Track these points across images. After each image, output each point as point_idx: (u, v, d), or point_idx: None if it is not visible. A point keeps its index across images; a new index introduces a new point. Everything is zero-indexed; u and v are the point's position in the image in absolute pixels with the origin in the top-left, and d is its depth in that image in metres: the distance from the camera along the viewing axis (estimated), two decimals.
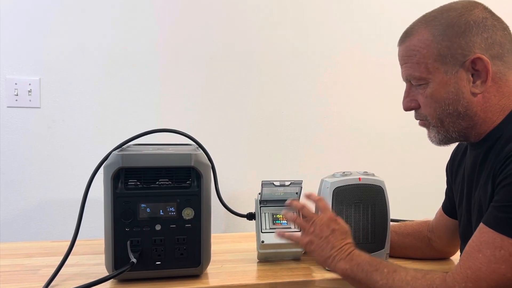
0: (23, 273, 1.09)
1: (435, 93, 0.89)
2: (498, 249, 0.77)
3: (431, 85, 0.89)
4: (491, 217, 0.80)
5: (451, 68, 0.87)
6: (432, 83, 0.89)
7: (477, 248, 0.80)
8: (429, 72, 0.89)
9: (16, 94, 1.58)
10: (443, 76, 0.88)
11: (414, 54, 0.90)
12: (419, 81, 0.91)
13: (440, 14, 0.90)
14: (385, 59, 1.83)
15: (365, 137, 1.83)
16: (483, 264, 0.78)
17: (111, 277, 0.97)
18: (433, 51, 0.88)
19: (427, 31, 0.89)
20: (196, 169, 1.03)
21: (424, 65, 0.89)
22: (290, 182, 1.20)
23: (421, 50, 0.89)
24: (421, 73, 0.90)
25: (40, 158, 1.60)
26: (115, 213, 1.00)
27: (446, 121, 0.91)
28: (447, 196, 1.16)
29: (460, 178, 1.03)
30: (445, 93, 0.88)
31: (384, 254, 1.14)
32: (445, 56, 0.87)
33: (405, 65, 0.93)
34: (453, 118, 0.90)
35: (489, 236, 0.78)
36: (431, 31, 0.89)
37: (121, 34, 1.65)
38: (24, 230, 1.58)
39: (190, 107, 1.70)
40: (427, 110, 0.92)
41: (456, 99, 0.88)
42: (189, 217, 1.04)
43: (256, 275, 1.10)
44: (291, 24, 1.78)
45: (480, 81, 0.87)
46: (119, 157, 1.00)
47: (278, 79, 1.77)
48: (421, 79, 0.90)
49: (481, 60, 0.86)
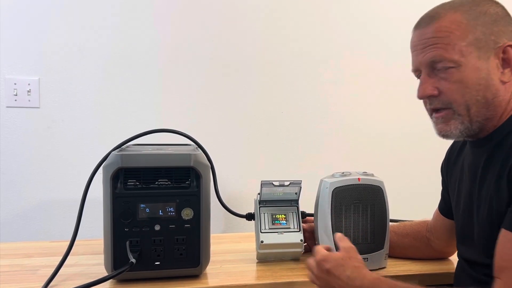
0: (22, 273, 1.10)
1: (466, 78, 0.85)
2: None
3: (462, 69, 0.85)
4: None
5: (483, 53, 0.85)
6: (464, 67, 0.85)
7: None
8: (462, 55, 0.85)
9: (15, 94, 1.58)
10: (476, 61, 0.85)
11: (447, 35, 0.86)
12: (449, 63, 0.86)
13: (466, 2, 0.88)
14: (385, 59, 1.84)
15: (364, 137, 1.83)
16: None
17: (110, 277, 0.97)
18: (468, 34, 0.85)
19: (459, 15, 0.87)
20: (195, 169, 1.03)
21: (458, 47, 0.85)
22: (289, 182, 1.20)
23: (454, 31, 0.86)
24: (453, 54, 0.85)
25: (40, 158, 1.60)
26: (114, 213, 1.00)
27: (473, 109, 0.87)
28: (442, 197, 1.15)
29: (457, 177, 1.02)
30: (476, 79, 0.85)
31: (383, 254, 1.14)
32: (480, 40, 0.85)
33: (431, 47, 0.87)
34: (479, 106, 0.86)
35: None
36: (464, 15, 0.86)
37: (120, 34, 1.65)
38: (24, 230, 1.58)
39: (190, 107, 1.70)
40: (454, 96, 0.87)
41: (486, 85, 0.86)
42: (189, 217, 1.04)
43: (256, 275, 1.10)
44: (291, 24, 1.77)
45: (508, 69, 0.87)
46: (119, 157, 1.00)
47: (278, 79, 1.77)
48: (452, 62, 0.86)
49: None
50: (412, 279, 1.12)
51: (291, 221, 1.21)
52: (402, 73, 1.86)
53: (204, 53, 1.71)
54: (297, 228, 1.20)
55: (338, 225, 1.10)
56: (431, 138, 1.28)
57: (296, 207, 1.23)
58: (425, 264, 1.17)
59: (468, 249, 0.95)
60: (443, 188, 1.15)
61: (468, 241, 0.96)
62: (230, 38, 1.73)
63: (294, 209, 1.23)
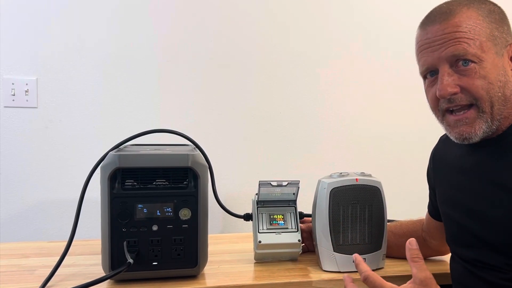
0: (20, 274, 1.09)
1: (489, 73, 0.84)
2: None
3: (484, 65, 0.84)
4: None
5: (499, 50, 0.85)
6: (485, 63, 0.84)
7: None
8: (483, 50, 0.84)
9: (13, 94, 1.58)
10: (495, 57, 0.85)
11: (468, 30, 0.84)
12: (472, 57, 0.83)
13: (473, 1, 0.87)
14: (383, 61, 1.84)
15: (362, 137, 1.83)
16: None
17: (107, 277, 0.97)
18: (486, 30, 0.84)
19: (473, 12, 0.85)
20: (193, 169, 1.03)
21: (479, 42, 0.84)
22: (287, 182, 1.20)
23: (474, 26, 0.84)
24: (477, 49, 0.83)
25: (37, 158, 1.60)
26: (112, 213, 1.00)
27: (496, 106, 0.84)
28: (430, 200, 1.15)
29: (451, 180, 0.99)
30: (497, 75, 0.84)
31: (381, 255, 1.14)
32: (496, 37, 0.85)
33: (453, 41, 0.84)
34: (500, 103, 0.85)
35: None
36: (478, 12, 0.85)
37: (118, 35, 1.65)
38: (21, 231, 1.58)
39: (188, 108, 1.70)
40: (480, 92, 0.84)
41: (505, 81, 0.85)
42: (186, 217, 1.04)
43: (253, 275, 1.10)
44: (289, 24, 1.78)
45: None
46: (116, 158, 1.00)
47: (276, 80, 1.77)
48: (475, 56, 0.83)
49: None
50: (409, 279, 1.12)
51: (289, 221, 1.21)
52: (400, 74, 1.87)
53: (202, 53, 1.71)
54: (295, 228, 1.20)
55: (336, 225, 1.10)
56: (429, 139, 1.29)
57: (294, 208, 1.23)
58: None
59: (480, 252, 0.90)
60: (430, 192, 1.14)
61: (477, 243, 0.91)
62: (228, 38, 1.73)
63: (292, 209, 1.23)
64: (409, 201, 1.73)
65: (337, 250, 1.10)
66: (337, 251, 1.10)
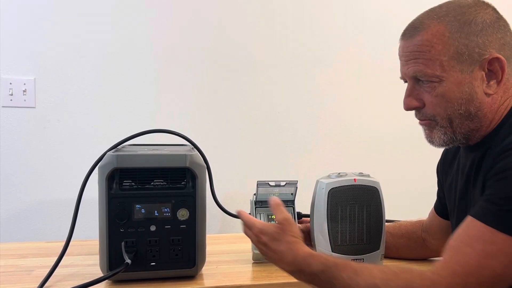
0: (17, 274, 1.09)
1: (448, 92, 0.85)
2: (489, 244, 0.73)
3: (444, 84, 0.85)
4: (482, 210, 0.76)
5: (467, 67, 0.84)
6: (446, 82, 0.85)
7: (466, 243, 0.76)
8: (443, 69, 0.85)
9: (10, 94, 1.57)
10: (458, 75, 0.84)
11: (428, 50, 0.85)
12: (430, 78, 0.86)
13: (453, 10, 0.86)
14: (382, 60, 1.84)
15: (360, 137, 1.83)
16: (473, 259, 0.73)
17: (105, 278, 0.97)
18: (450, 48, 0.84)
19: (442, 27, 0.85)
20: (191, 169, 1.03)
21: (439, 62, 0.85)
22: (285, 182, 1.20)
23: (436, 46, 0.85)
24: (435, 70, 0.85)
25: (35, 158, 1.59)
26: (109, 213, 1.00)
27: (456, 122, 0.87)
28: (438, 197, 1.15)
29: (453, 180, 1.02)
30: (459, 93, 0.85)
31: (379, 255, 1.14)
32: (462, 54, 0.84)
33: (413, 61, 0.87)
34: (463, 119, 0.87)
35: (479, 230, 0.75)
36: (447, 27, 0.84)
37: (116, 34, 1.65)
38: (19, 231, 1.57)
39: (186, 108, 1.70)
40: (436, 110, 0.88)
41: (469, 99, 0.85)
42: (184, 218, 1.04)
43: (251, 276, 1.10)
44: (288, 24, 1.77)
45: (494, 81, 0.85)
46: (114, 158, 1.00)
47: (274, 80, 1.77)
48: (434, 77, 0.85)
49: (498, 60, 0.84)
50: None
51: None
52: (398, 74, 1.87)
53: (201, 54, 1.71)
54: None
55: (334, 225, 1.10)
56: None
57: (292, 208, 1.23)
58: (421, 264, 1.17)
59: None
60: (438, 188, 1.15)
61: None
62: (227, 38, 1.73)
63: (290, 209, 1.23)
64: (408, 201, 1.74)
65: (335, 251, 1.10)
66: (335, 252, 1.10)
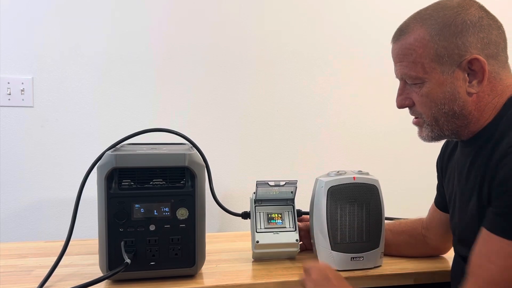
0: (17, 274, 1.09)
1: (431, 92, 0.89)
2: (509, 257, 0.76)
3: (427, 85, 0.89)
4: (496, 223, 0.78)
5: (447, 68, 0.87)
6: (428, 83, 0.89)
7: (488, 259, 0.78)
8: (425, 72, 0.88)
9: (8, 93, 1.57)
10: (440, 76, 0.87)
11: (410, 53, 0.89)
12: (414, 80, 0.90)
13: (436, 12, 0.89)
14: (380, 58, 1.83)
15: (359, 136, 1.83)
16: (496, 274, 0.76)
17: (105, 278, 0.97)
18: (430, 51, 0.87)
19: (423, 30, 0.88)
20: (190, 169, 1.03)
21: (421, 65, 0.88)
22: (285, 182, 1.20)
23: (417, 49, 0.88)
24: (417, 72, 0.89)
25: (34, 158, 1.59)
26: (109, 213, 1.00)
27: (441, 120, 0.90)
28: (438, 191, 1.16)
29: (451, 174, 1.03)
30: (441, 93, 0.88)
31: (379, 253, 1.14)
32: (442, 56, 0.86)
33: (400, 64, 0.92)
34: (448, 117, 0.90)
35: (497, 245, 0.77)
36: (428, 30, 0.87)
37: (115, 33, 1.64)
38: (18, 231, 1.57)
39: (185, 106, 1.69)
40: (422, 108, 0.92)
41: (452, 99, 0.88)
42: (184, 217, 1.03)
43: (251, 274, 1.10)
44: (286, 22, 1.77)
45: (476, 81, 0.87)
46: (113, 157, 0.99)
47: (273, 78, 1.76)
48: (417, 79, 0.89)
49: (478, 61, 0.85)
50: (407, 277, 1.12)
51: (287, 220, 1.21)
52: None
53: (200, 52, 1.70)
54: (293, 227, 1.20)
55: (334, 224, 1.10)
56: None
57: (292, 206, 1.23)
58: (421, 262, 1.18)
59: (462, 247, 0.96)
60: (438, 182, 1.15)
61: (461, 239, 0.97)
62: (226, 37, 1.72)
63: (290, 208, 1.23)
64: (407, 199, 1.74)
65: (334, 249, 1.10)
66: (335, 250, 1.10)
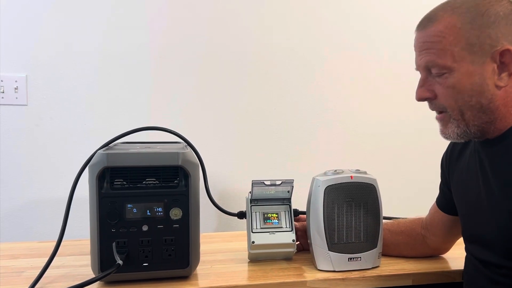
0: (7, 276, 1.07)
1: (458, 83, 0.85)
2: None
3: (455, 75, 0.85)
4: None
5: (478, 58, 0.84)
6: (456, 73, 0.85)
7: None
8: (454, 60, 0.85)
9: (2, 91, 1.55)
10: (469, 66, 0.84)
11: (440, 41, 0.86)
12: (442, 69, 0.86)
13: (467, 2, 0.86)
14: (379, 57, 1.82)
15: (357, 134, 1.81)
16: None
17: (96, 279, 0.95)
18: (461, 39, 0.84)
19: (454, 18, 0.85)
20: (183, 168, 1.00)
21: (450, 53, 0.85)
22: (281, 181, 1.18)
23: (448, 36, 0.85)
24: (446, 61, 0.85)
25: (27, 157, 1.57)
26: (100, 213, 0.98)
27: (467, 114, 0.87)
28: (442, 191, 1.13)
29: (462, 175, 0.99)
30: (469, 84, 0.85)
31: (377, 253, 1.12)
32: (474, 45, 0.84)
33: (426, 51, 0.88)
34: (475, 111, 0.86)
35: None
36: (460, 18, 0.84)
37: (110, 32, 1.62)
38: (10, 230, 1.55)
39: (180, 105, 1.67)
40: (448, 101, 0.88)
41: (480, 90, 0.85)
42: (177, 217, 1.01)
43: (247, 275, 1.08)
44: (284, 21, 1.75)
45: (505, 73, 0.84)
46: (104, 156, 0.97)
47: (270, 77, 1.74)
48: (445, 68, 0.86)
49: (509, 52, 0.83)
50: (406, 278, 1.10)
51: (283, 220, 1.19)
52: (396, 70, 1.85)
53: (196, 51, 1.68)
54: (289, 227, 1.18)
55: (331, 223, 1.08)
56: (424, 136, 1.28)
57: (289, 206, 1.21)
58: (419, 262, 1.16)
59: (483, 250, 0.92)
60: (442, 182, 1.12)
61: (481, 241, 0.93)
62: (222, 35, 1.70)
63: (287, 207, 1.21)
64: (405, 198, 1.72)
65: (331, 249, 1.08)
66: (332, 250, 1.08)
